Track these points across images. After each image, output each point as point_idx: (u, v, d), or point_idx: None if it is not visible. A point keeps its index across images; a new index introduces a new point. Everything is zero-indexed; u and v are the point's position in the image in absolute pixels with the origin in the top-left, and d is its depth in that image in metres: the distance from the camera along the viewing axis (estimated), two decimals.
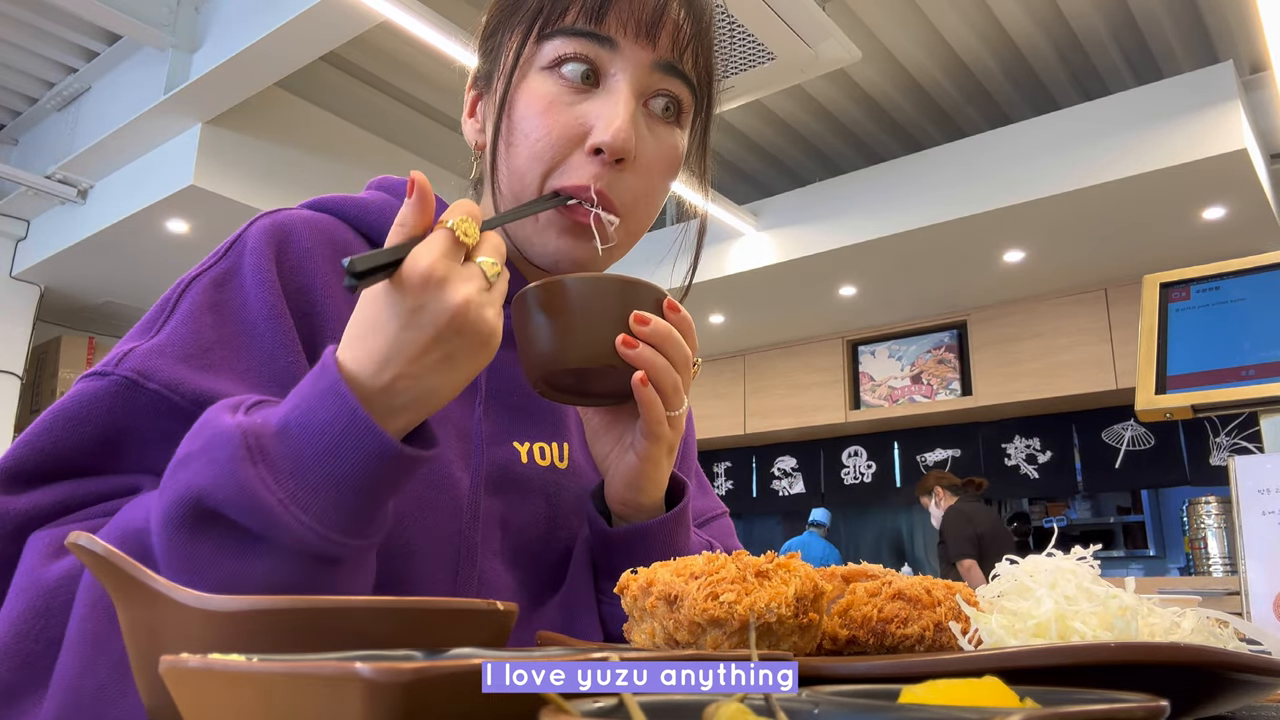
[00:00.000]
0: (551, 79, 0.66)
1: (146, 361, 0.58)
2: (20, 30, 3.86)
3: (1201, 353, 1.08)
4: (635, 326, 0.59)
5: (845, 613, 0.51)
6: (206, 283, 0.63)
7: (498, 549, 0.67)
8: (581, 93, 0.66)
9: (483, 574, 0.65)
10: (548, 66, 0.66)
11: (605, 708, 0.24)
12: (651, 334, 0.60)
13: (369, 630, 0.35)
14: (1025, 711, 0.23)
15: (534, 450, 0.71)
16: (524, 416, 0.72)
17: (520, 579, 0.68)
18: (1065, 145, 3.94)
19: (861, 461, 6.15)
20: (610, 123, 0.64)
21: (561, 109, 0.66)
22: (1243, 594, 0.87)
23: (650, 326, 0.60)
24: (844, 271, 4.88)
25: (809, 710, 0.27)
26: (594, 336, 0.59)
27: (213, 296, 0.62)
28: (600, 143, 0.64)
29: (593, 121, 0.65)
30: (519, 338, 0.61)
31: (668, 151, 0.70)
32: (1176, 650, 0.36)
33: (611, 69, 0.66)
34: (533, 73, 0.67)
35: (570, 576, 0.71)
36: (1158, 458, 5.08)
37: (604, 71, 0.66)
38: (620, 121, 0.64)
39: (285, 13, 3.10)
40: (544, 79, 0.66)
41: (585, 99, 0.66)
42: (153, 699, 0.37)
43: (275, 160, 4.06)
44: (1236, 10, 3.73)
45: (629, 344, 0.59)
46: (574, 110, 0.66)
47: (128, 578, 0.36)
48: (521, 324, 0.60)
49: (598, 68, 0.66)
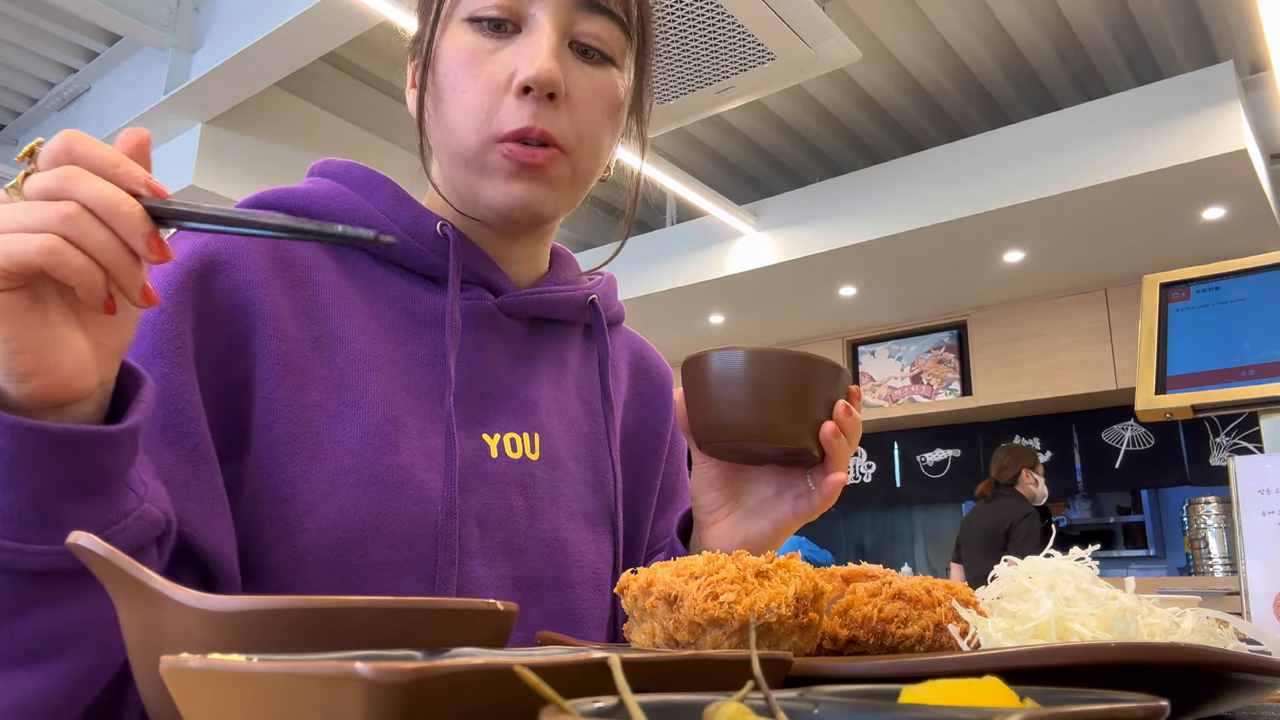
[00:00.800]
0: (472, 29, 0.66)
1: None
2: (20, 30, 3.86)
3: (1201, 353, 1.08)
4: (841, 417, 0.64)
5: (845, 613, 0.51)
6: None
7: (477, 548, 0.66)
8: (504, 38, 0.66)
9: (463, 576, 0.64)
10: (468, 18, 0.66)
11: (605, 708, 0.24)
12: (851, 424, 0.64)
13: (369, 630, 0.35)
14: (1025, 711, 0.23)
15: (504, 442, 0.70)
16: (493, 404, 0.71)
17: (503, 576, 0.67)
18: (1065, 145, 3.94)
19: (861, 461, 6.15)
20: (534, 59, 0.63)
21: (485, 57, 0.65)
22: (1243, 594, 0.87)
23: (851, 418, 0.64)
24: (844, 271, 4.88)
25: (809, 710, 0.27)
26: (800, 417, 0.63)
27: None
28: (526, 78, 0.63)
29: (516, 64, 0.64)
30: (705, 398, 0.62)
31: (603, 89, 0.69)
32: (1176, 650, 0.36)
33: (531, 9, 0.65)
34: (453, 26, 0.67)
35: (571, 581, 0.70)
36: (1158, 458, 5.08)
37: (524, 14, 0.65)
38: (543, 56, 0.63)
39: (285, 13, 3.10)
40: (464, 30, 0.66)
41: (508, 44, 0.66)
42: (153, 699, 0.37)
43: (275, 160, 4.06)
44: (1236, 10, 3.73)
45: (838, 434, 0.63)
46: (497, 57, 0.65)
47: (128, 578, 0.36)
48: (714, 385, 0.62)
49: (517, 11, 0.65)
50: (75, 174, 0.43)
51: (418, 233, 0.70)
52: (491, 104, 0.65)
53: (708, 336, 5.97)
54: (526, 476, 0.70)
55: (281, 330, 0.64)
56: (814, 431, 0.63)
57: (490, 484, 0.68)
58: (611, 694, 0.25)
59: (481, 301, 0.71)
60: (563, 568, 0.71)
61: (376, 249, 0.69)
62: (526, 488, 0.70)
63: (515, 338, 0.74)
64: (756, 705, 0.25)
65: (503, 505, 0.68)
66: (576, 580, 0.72)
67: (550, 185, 0.67)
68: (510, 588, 0.68)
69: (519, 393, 0.73)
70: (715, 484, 0.70)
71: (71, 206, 0.42)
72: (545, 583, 0.70)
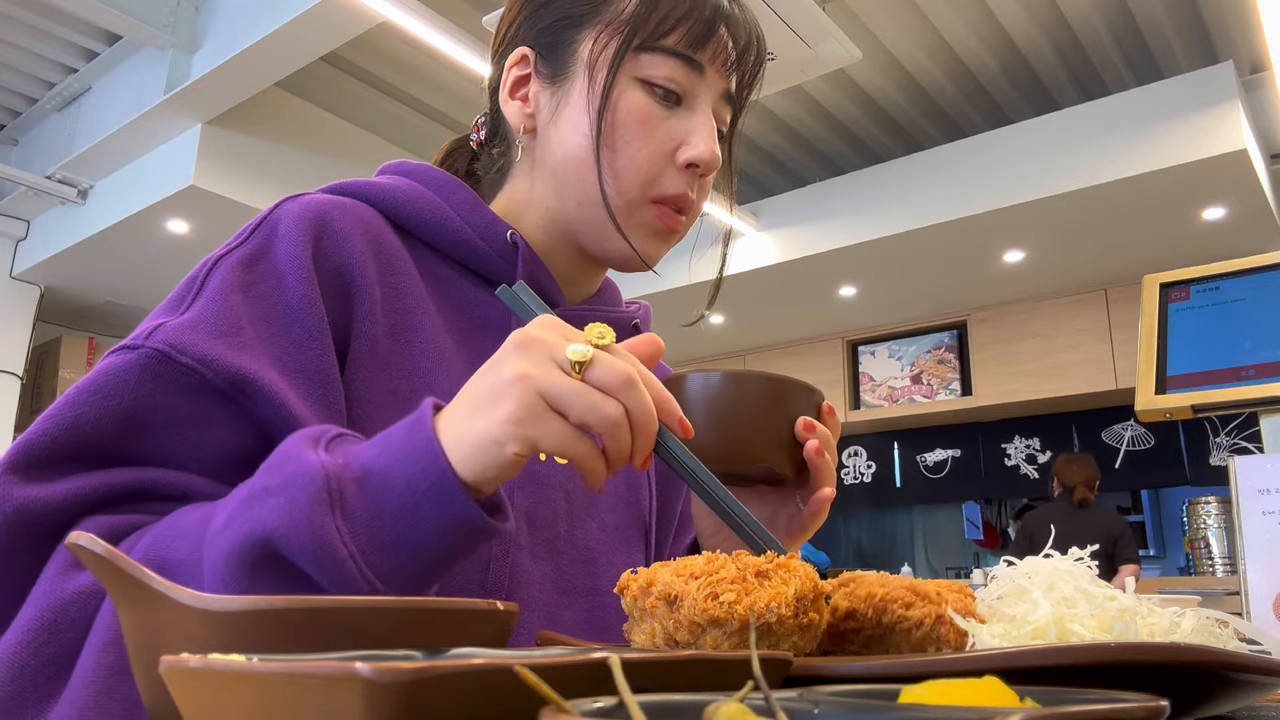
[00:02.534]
0: (644, 92, 0.71)
1: (179, 335, 0.56)
2: (20, 30, 3.86)
3: (1201, 353, 1.08)
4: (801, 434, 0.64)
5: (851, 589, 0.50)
6: (234, 262, 0.61)
7: (526, 544, 0.68)
8: (669, 109, 0.71)
9: (514, 568, 0.66)
10: (643, 79, 0.70)
11: (605, 708, 0.24)
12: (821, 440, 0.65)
13: (369, 630, 0.35)
14: (1025, 711, 0.23)
15: None
16: None
17: (547, 573, 0.69)
18: (1065, 145, 3.94)
19: (861, 461, 6.15)
20: (704, 142, 0.71)
21: (657, 123, 0.71)
22: (1243, 594, 0.87)
23: (818, 433, 0.65)
24: (844, 271, 4.88)
25: (809, 710, 0.27)
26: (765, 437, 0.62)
27: (242, 277, 0.61)
28: (698, 159, 0.70)
29: (683, 138, 0.71)
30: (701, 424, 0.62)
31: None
32: (1176, 650, 0.36)
33: (696, 91, 0.72)
34: (626, 79, 0.71)
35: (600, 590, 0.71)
36: (1158, 458, 5.08)
37: (690, 92, 0.72)
38: (711, 141, 0.71)
39: (285, 13, 3.10)
40: (638, 90, 0.71)
41: (673, 115, 0.72)
42: (153, 699, 0.37)
43: (275, 160, 4.06)
44: (1236, 10, 3.72)
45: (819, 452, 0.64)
46: (666, 125, 0.71)
47: (128, 578, 0.36)
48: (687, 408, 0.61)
49: (687, 89, 0.71)
50: (635, 384, 0.49)
51: (489, 237, 0.73)
52: (659, 169, 0.71)
53: (708, 336, 5.97)
54: (570, 482, 0.73)
55: (372, 312, 0.65)
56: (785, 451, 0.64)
57: (539, 485, 0.70)
58: (611, 694, 0.25)
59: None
60: (594, 576, 0.73)
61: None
62: (569, 492, 0.73)
63: None
64: (756, 705, 0.25)
65: (549, 506, 0.70)
66: (606, 589, 0.73)
67: (673, 241, 0.75)
68: (550, 588, 0.69)
69: None
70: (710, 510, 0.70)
71: (619, 413, 0.49)
72: (579, 588, 0.71)
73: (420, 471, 0.46)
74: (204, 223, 4.13)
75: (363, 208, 0.69)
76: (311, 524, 0.45)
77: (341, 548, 0.45)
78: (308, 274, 0.62)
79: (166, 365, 0.55)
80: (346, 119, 4.34)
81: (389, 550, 0.46)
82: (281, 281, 0.61)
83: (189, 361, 0.55)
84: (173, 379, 0.55)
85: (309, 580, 0.46)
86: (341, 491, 0.46)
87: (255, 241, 0.63)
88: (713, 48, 0.71)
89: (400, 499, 0.46)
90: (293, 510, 0.45)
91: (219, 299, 0.59)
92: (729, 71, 0.73)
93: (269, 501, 0.46)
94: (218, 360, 0.55)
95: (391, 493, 0.46)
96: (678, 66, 0.70)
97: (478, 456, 0.47)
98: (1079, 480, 4.47)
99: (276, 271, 0.62)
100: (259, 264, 0.62)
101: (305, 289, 0.61)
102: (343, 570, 0.45)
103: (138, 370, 0.55)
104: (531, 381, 0.47)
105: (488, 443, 0.47)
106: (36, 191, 4.33)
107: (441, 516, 0.46)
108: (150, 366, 0.55)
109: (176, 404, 0.55)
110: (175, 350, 0.55)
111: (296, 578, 0.46)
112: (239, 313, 0.59)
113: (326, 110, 4.28)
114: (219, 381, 0.55)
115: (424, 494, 0.46)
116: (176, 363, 0.55)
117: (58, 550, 0.52)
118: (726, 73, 0.73)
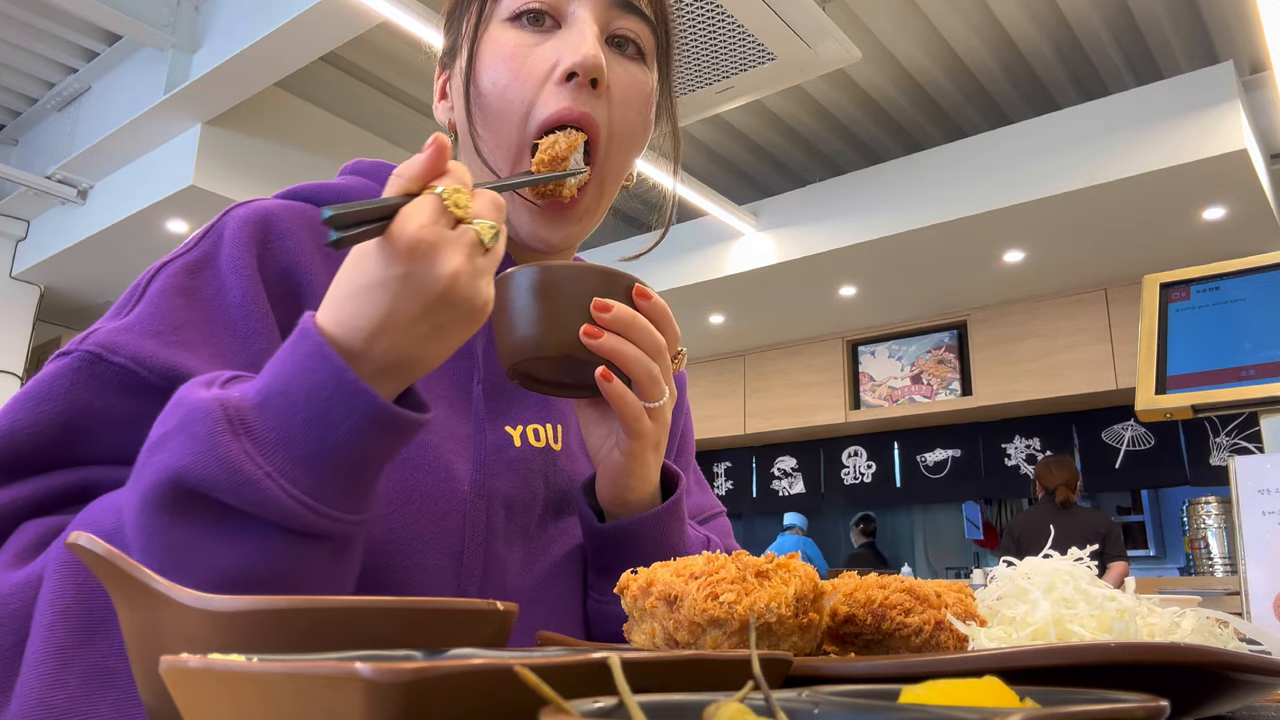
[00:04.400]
0: (512, 29, 0.67)
1: (112, 337, 0.56)
2: (20, 30, 3.86)
3: (1201, 353, 1.08)
4: (596, 314, 0.58)
5: (851, 594, 0.50)
6: (178, 268, 0.62)
7: (501, 531, 0.66)
8: (544, 33, 0.67)
9: (488, 555, 0.65)
10: (507, 18, 0.67)
11: (605, 708, 0.24)
12: (614, 320, 0.58)
13: (369, 630, 0.35)
14: (1025, 711, 0.23)
15: (527, 433, 0.70)
16: (515, 400, 0.71)
17: (523, 560, 0.68)
18: (1065, 145, 3.94)
19: (861, 461, 6.15)
20: (578, 47, 0.65)
21: (526, 51, 0.66)
22: (1243, 594, 0.87)
23: (612, 314, 0.58)
24: (844, 271, 4.88)
25: (809, 710, 0.27)
26: (558, 325, 0.58)
27: (184, 281, 0.61)
28: (571, 64, 0.64)
29: (559, 54, 0.66)
30: (494, 326, 0.60)
31: (640, 84, 0.70)
32: (1176, 650, 0.36)
33: (570, 7, 0.67)
34: (493, 28, 0.68)
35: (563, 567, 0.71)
36: (1158, 458, 5.08)
37: (562, 12, 0.67)
38: (588, 44, 0.65)
39: (285, 13, 3.10)
40: (504, 30, 0.67)
41: (549, 38, 0.67)
42: (153, 699, 0.37)
43: (275, 160, 4.06)
44: (1236, 10, 3.73)
45: (591, 334, 0.57)
46: (538, 51, 0.66)
47: (128, 578, 0.36)
48: (496, 311, 0.59)
49: (557, 7, 0.67)
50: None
51: None
52: (532, 94, 0.66)
53: (708, 336, 5.97)
54: (549, 465, 0.71)
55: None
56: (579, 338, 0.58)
57: (515, 470, 0.68)
58: (611, 694, 0.25)
59: None
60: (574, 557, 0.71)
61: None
62: (549, 477, 0.71)
63: None
64: (756, 705, 0.25)
65: (527, 490, 0.69)
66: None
67: (576, 220, 0.69)
68: (530, 573, 0.68)
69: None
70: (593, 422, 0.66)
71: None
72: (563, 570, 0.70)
73: (320, 380, 0.46)
74: (203, 222, 4.12)
75: (311, 208, 0.69)
76: (216, 452, 0.44)
77: (254, 469, 0.44)
78: (251, 276, 0.62)
79: (100, 366, 0.55)
80: (346, 119, 4.34)
81: (309, 464, 0.46)
82: (224, 285, 0.61)
83: (122, 361, 0.55)
84: (107, 380, 0.55)
85: (237, 513, 0.45)
86: (243, 419, 0.46)
87: (201, 249, 0.63)
88: None
89: (305, 410, 0.46)
90: (194, 445, 0.45)
91: (159, 301, 0.59)
92: None
93: (169, 445, 0.46)
94: (151, 358, 0.55)
95: (295, 407, 0.46)
96: None
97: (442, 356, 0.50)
98: (1060, 481, 4.49)
99: (219, 276, 0.62)
100: (203, 270, 0.62)
101: (248, 290, 0.61)
102: (260, 491, 0.44)
103: (71, 374, 0.55)
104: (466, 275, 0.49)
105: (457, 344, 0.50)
106: (36, 191, 4.33)
107: (352, 417, 0.46)
108: (84, 369, 0.55)
109: (112, 404, 0.55)
110: (108, 351, 0.55)
111: (219, 513, 0.45)
112: (179, 314, 0.59)
113: (326, 110, 4.28)
114: (154, 379, 0.55)
115: (329, 400, 0.46)
116: (109, 363, 0.55)
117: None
118: None
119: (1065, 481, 4.48)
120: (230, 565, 0.45)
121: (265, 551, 0.46)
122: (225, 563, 0.45)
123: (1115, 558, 4.30)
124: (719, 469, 6.75)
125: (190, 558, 0.45)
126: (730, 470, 6.71)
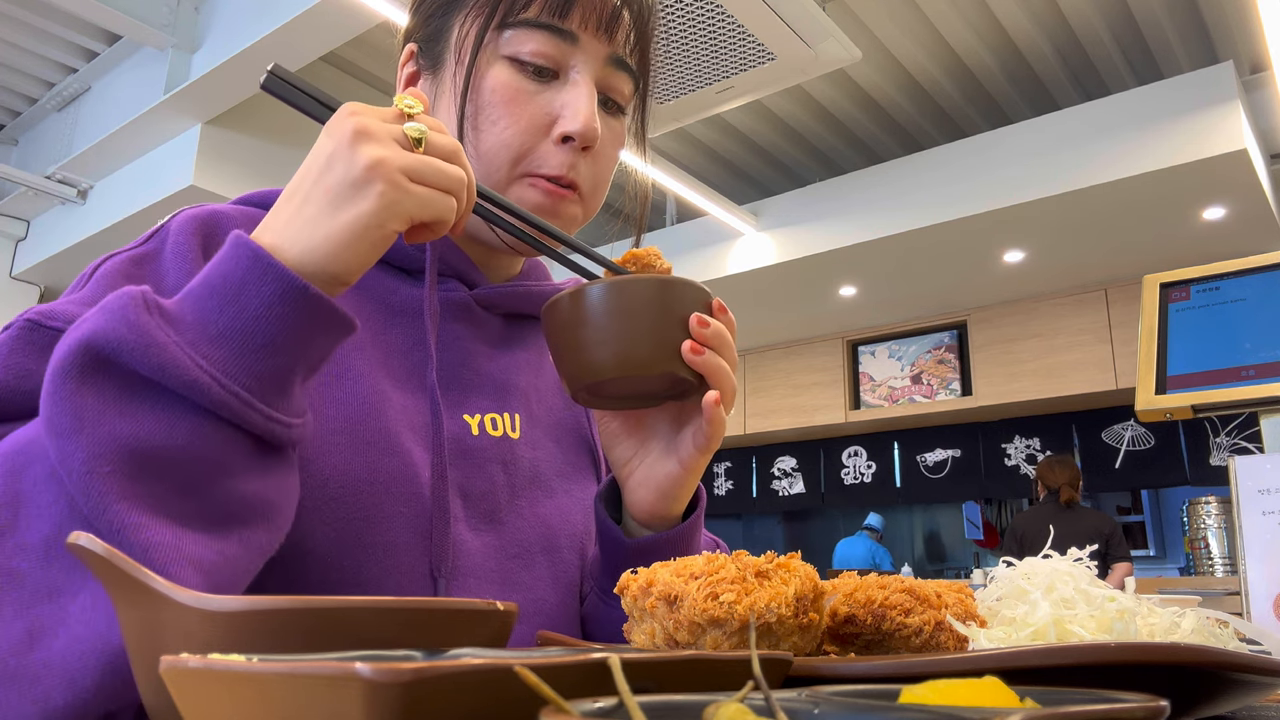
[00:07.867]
0: (513, 68, 0.68)
1: (51, 307, 0.57)
2: (20, 30, 3.86)
3: (1201, 353, 1.08)
4: (697, 330, 0.59)
5: (851, 594, 0.50)
6: (125, 258, 0.63)
7: (462, 515, 0.67)
8: (543, 83, 0.69)
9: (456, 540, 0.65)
10: (509, 56, 0.68)
11: (605, 708, 0.24)
12: (713, 337, 0.59)
13: (369, 630, 0.35)
14: (1025, 711, 0.23)
15: (485, 422, 0.71)
16: (472, 389, 0.72)
17: (491, 542, 0.68)
18: (1065, 145, 3.94)
19: (861, 461, 6.15)
20: (578, 113, 0.67)
21: (527, 99, 0.68)
22: (1243, 594, 0.87)
23: (711, 329, 0.59)
24: (844, 271, 4.88)
25: (809, 710, 0.27)
26: (662, 341, 0.57)
27: (128, 269, 0.62)
28: (571, 131, 0.67)
29: (559, 111, 0.68)
30: (561, 342, 0.60)
31: (618, 139, 0.74)
32: (1176, 650, 0.36)
33: (572, 61, 0.69)
34: (493, 59, 0.69)
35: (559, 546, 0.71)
36: (1158, 458, 5.08)
37: (564, 64, 0.69)
38: (588, 112, 0.67)
39: (285, 13, 3.10)
40: (506, 68, 0.68)
41: (547, 89, 0.69)
42: (153, 699, 0.37)
43: (275, 160, 4.06)
44: (1236, 10, 3.73)
45: (695, 350, 0.58)
46: (538, 100, 0.68)
47: (128, 578, 0.36)
48: (566, 328, 0.58)
49: (560, 62, 0.69)
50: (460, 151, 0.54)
51: None
52: (530, 145, 0.68)
53: None
54: (508, 454, 0.72)
55: None
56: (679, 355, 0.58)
57: (472, 460, 0.69)
58: (611, 694, 0.25)
59: (457, 293, 0.73)
60: (551, 535, 0.72)
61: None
62: (508, 464, 0.71)
63: (492, 330, 0.76)
64: (756, 705, 0.25)
65: (485, 479, 0.69)
66: (564, 545, 0.73)
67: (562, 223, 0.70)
68: (499, 555, 0.69)
69: (497, 378, 0.74)
70: (620, 435, 0.68)
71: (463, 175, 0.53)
72: (534, 550, 0.71)
73: (234, 265, 0.48)
74: None
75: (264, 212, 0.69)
76: (127, 318, 0.45)
77: (164, 336, 0.46)
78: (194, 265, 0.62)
79: (37, 332, 0.56)
80: None
81: (223, 340, 0.47)
82: (165, 274, 0.62)
83: (59, 325, 0.56)
84: (44, 344, 0.56)
85: (146, 382, 0.46)
86: (160, 304, 0.47)
87: (149, 245, 0.64)
88: (580, 13, 0.67)
89: (220, 293, 0.48)
90: (109, 315, 0.46)
91: (103, 282, 0.61)
92: (607, 34, 0.69)
93: (87, 321, 0.47)
94: None
95: (211, 292, 0.48)
96: (545, 39, 0.67)
97: (353, 245, 0.50)
98: (1063, 481, 4.48)
99: (161, 267, 0.63)
100: (149, 263, 0.63)
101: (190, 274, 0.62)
102: (166, 354, 0.45)
103: (11, 341, 0.56)
104: (390, 163, 0.50)
105: (366, 228, 0.50)
106: (36, 191, 4.33)
107: (265, 290, 0.48)
108: (23, 336, 0.56)
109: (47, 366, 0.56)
110: (45, 317, 0.57)
111: (129, 381, 0.46)
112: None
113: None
114: None
115: (243, 279, 0.48)
116: (46, 328, 0.56)
117: None
118: (605, 36, 0.69)
119: (1068, 481, 4.48)
120: (132, 435, 0.45)
121: (172, 426, 0.46)
122: (127, 431, 0.45)
123: (1119, 558, 4.29)
124: (719, 469, 6.75)
125: (93, 423, 0.45)
126: (730, 470, 6.71)
